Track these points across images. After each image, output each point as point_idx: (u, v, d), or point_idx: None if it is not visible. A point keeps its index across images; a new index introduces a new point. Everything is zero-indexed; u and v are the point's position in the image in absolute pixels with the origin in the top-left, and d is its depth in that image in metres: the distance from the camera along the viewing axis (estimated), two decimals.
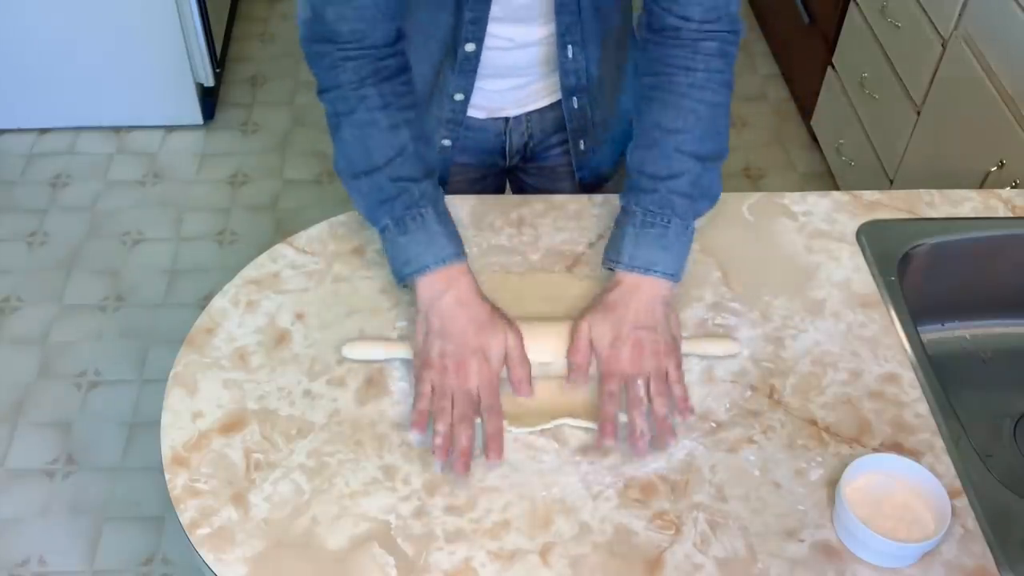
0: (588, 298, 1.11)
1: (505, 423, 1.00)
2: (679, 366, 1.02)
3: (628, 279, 1.05)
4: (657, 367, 1.00)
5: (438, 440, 0.96)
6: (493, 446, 0.96)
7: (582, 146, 1.31)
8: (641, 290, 1.04)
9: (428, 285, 1.04)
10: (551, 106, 1.30)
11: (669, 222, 1.06)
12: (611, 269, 1.08)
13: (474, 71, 1.19)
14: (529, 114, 1.30)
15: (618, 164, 1.38)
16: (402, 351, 1.05)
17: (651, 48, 1.11)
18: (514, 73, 1.24)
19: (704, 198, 1.09)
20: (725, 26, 1.08)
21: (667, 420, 0.98)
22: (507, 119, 1.30)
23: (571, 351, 1.03)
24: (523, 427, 1.00)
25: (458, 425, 0.97)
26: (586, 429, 1.01)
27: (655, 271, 1.05)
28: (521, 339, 1.03)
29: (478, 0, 1.11)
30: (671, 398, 1.00)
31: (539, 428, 1.00)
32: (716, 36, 1.08)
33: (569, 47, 1.17)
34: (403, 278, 1.05)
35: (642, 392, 0.99)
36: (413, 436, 0.98)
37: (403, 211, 1.05)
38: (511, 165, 1.38)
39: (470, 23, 1.13)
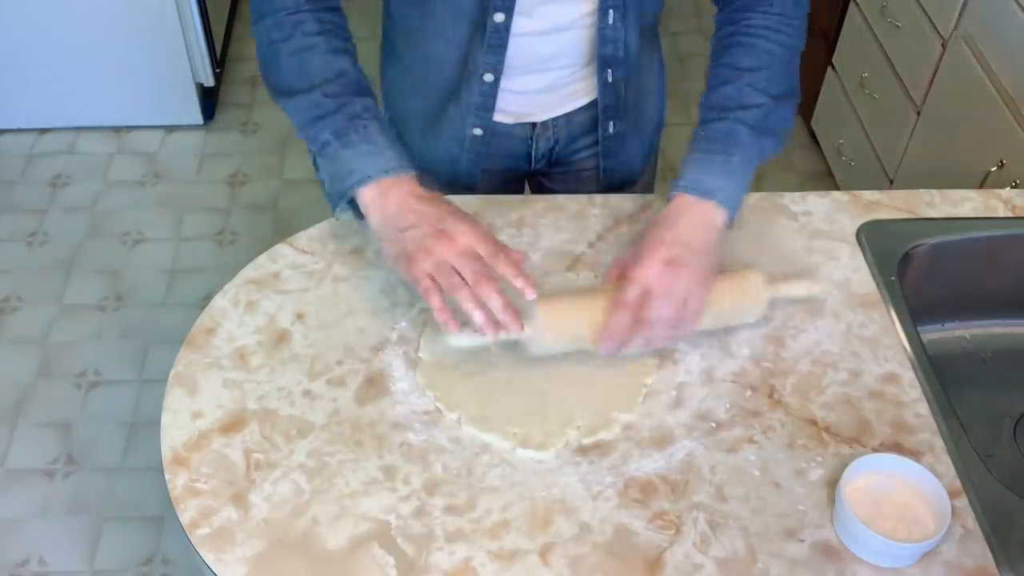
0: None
1: (511, 446, 0.98)
2: (701, 303, 0.99)
3: (685, 199, 1.03)
4: (683, 292, 0.97)
5: (476, 318, 0.92)
6: (524, 284, 0.94)
7: (611, 129, 1.28)
8: (695, 210, 1.02)
9: (373, 195, 0.99)
10: (579, 110, 1.28)
11: (733, 153, 1.05)
12: (674, 190, 1.06)
13: (504, 46, 1.14)
14: (556, 119, 1.29)
15: (645, 166, 1.37)
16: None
17: (725, 7, 1.13)
18: (547, 66, 1.21)
19: (770, 135, 1.08)
20: None
21: (655, 344, 0.99)
22: (534, 124, 1.29)
23: (615, 301, 0.99)
24: (530, 449, 0.98)
25: (479, 288, 0.93)
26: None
27: (715, 197, 1.02)
28: (482, 226, 0.99)
29: None
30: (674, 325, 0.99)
31: (550, 452, 0.99)
32: None
33: (610, 12, 1.14)
34: (343, 194, 1.01)
35: (655, 319, 0.97)
36: (452, 332, 0.94)
37: (345, 123, 1.01)
38: (535, 170, 1.37)
39: None
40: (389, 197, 0.99)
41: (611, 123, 1.28)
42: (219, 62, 2.80)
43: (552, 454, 0.98)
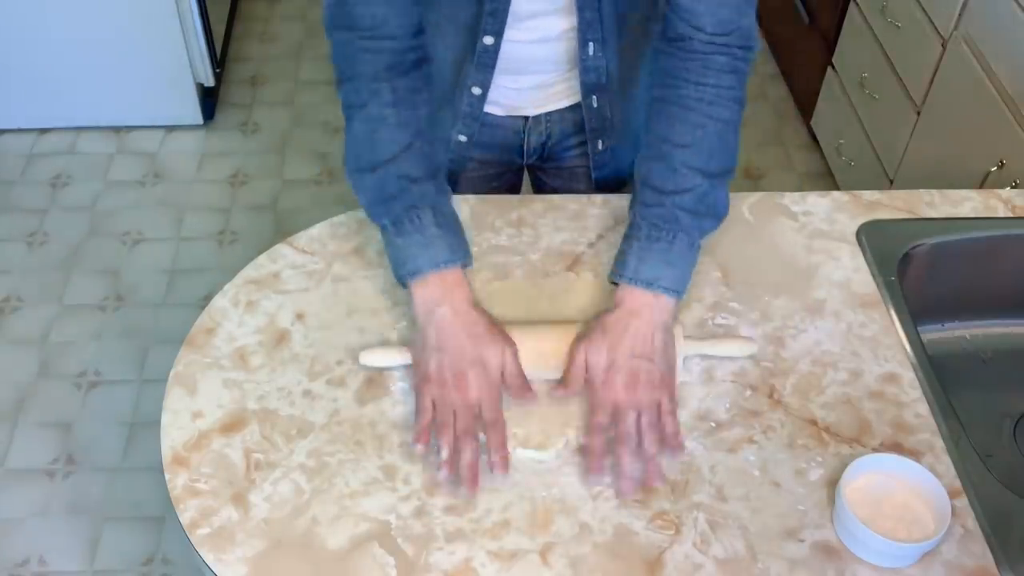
0: (594, 299, 1.11)
1: (511, 445, 0.99)
2: (673, 398, 1.00)
3: (630, 299, 1.03)
4: (650, 399, 0.98)
5: (444, 454, 0.95)
6: (498, 459, 0.96)
7: (600, 146, 1.30)
8: (642, 315, 1.02)
9: (423, 292, 1.03)
10: (570, 108, 1.29)
11: (674, 237, 1.04)
12: (615, 283, 1.06)
13: (492, 65, 1.18)
14: (549, 114, 1.30)
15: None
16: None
17: (663, 59, 1.10)
18: (533, 69, 1.23)
19: (710, 216, 1.07)
20: (737, 41, 1.06)
21: (656, 460, 0.96)
22: (526, 118, 1.30)
23: (565, 374, 1.02)
24: (530, 449, 0.99)
25: (462, 439, 0.96)
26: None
27: (659, 286, 1.03)
28: (516, 351, 1.01)
29: None
30: (661, 434, 0.97)
31: (550, 451, 0.99)
32: (727, 51, 1.06)
33: (590, 44, 1.17)
34: (400, 280, 1.05)
35: (632, 427, 0.97)
36: (417, 449, 0.96)
37: (402, 211, 1.04)
38: (528, 163, 1.38)
39: (489, 15, 1.12)
40: (436, 311, 1.01)
41: (599, 142, 1.30)
42: (219, 62, 2.80)
43: (552, 454, 0.98)
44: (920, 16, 2.08)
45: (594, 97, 1.24)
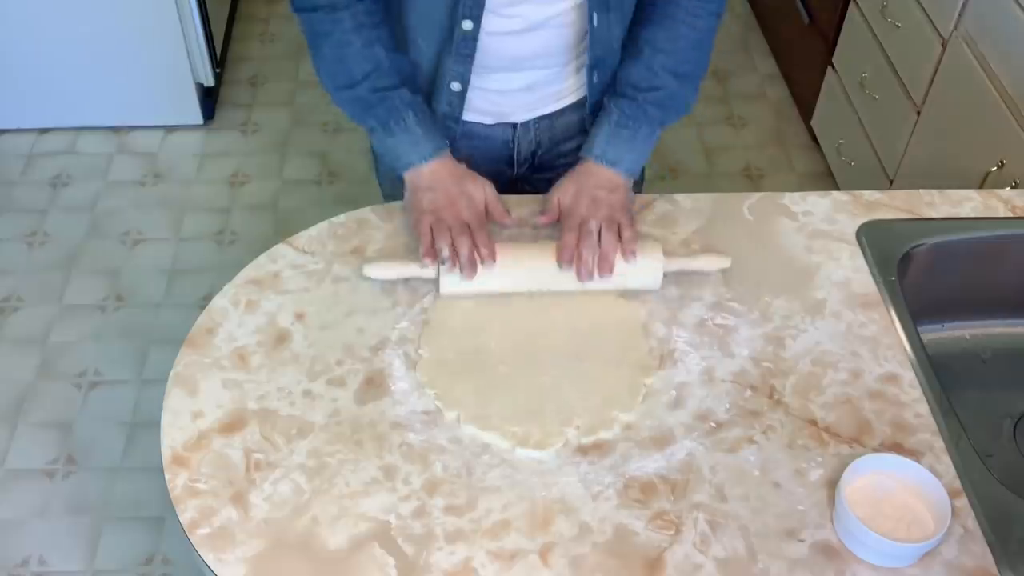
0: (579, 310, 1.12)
1: (510, 445, 1.00)
2: (631, 219, 1.16)
3: (594, 165, 1.20)
4: (609, 216, 1.14)
5: (445, 253, 1.11)
6: (486, 251, 1.12)
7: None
8: (603, 173, 1.20)
9: (411, 174, 1.19)
10: (560, 112, 1.29)
11: (639, 129, 1.20)
12: (583, 155, 1.21)
13: (471, 55, 1.19)
14: (538, 119, 1.30)
15: None
16: (420, 270, 1.13)
17: None
18: (523, 66, 1.23)
19: (674, 111, 1.23)
20: None
21: (610, 256, 1.12)
22: (515, 125, 1.30)
23: (543, 212, 1.20)
24: (529, 448, 0.99)
25: (457, 238, 1.11)
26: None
27: (620, 167, 1.20)
28: (494, 188, 1.19)
29: None
30: (618, 241, 1.13)
31: (549, 451, 0.99)
32: None
33: (594, 15, 1.18)
34: (394, 170, 1.21)
35: (594, 229, 1.13)
36: (426, 262, 1.12)
37: (386, 115, 1.18)
38: (519, 175, 1.37)
39: None
40: (423, 170, 1.19)
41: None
42: (219, 62, 2.80)
43: (552, 453, 0.98)
44: (920, 16, 2.08)
45: (596, 72, 1.24)
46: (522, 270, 1.14)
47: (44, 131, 2.75)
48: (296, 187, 2.63)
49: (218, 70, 2.77)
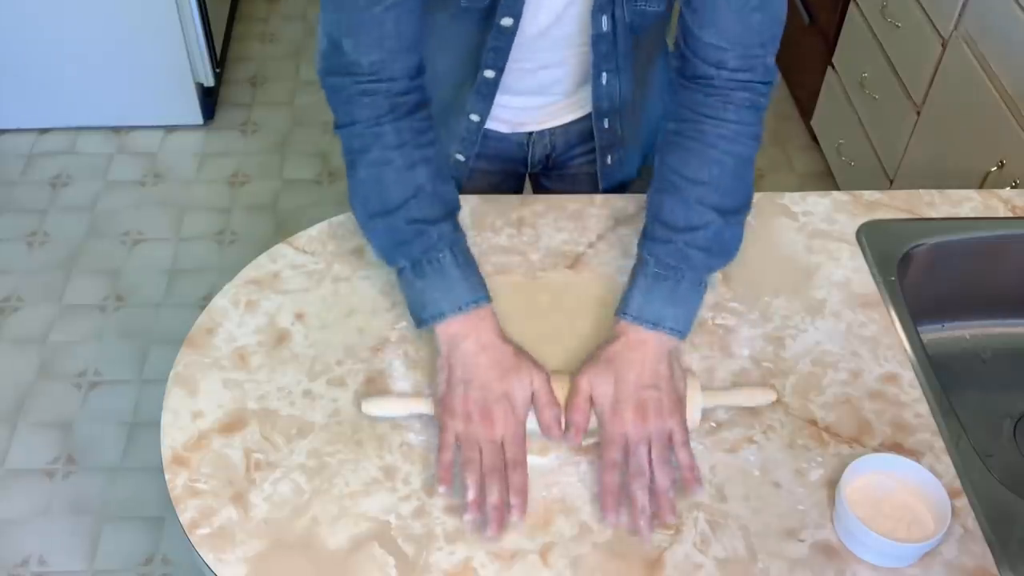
0: (593, 300, 1.11)
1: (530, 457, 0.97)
2: (684, 427, 0.97)
3: (633, 332, 1.00)
4: (660, 430, 0.95)
5: (472, 495, 0.91)
6: (518, 503, 0.92)
7: (609, 160, 1.29)
8: (646, 345, 0.99)
9: (446, 330, 1.00)
10: (575, 121, 1.29)
11: (682, 277, 1.02)
12: (619, 317, 1.03)
13: (492, 96, 1.18)
14: (553, 129, 1.30)
15: (642, 166, 1.37)
16: (423, 406, 1.00)
17: (681, 93, 1.07)
18: (539, 91, 1.23)
19: (721, 254, 1.06)
20: (759, 77, 1.04)
21: (668, 494, 0.93)
22: (530, 133, 1.30)
23: (570, 409, 0.98)
24: (531, 455, 0.97)
25: (488, 478, 0.92)
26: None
27: (663, 327, 1.00)
28: (548, 379, 0.98)
29: (502, 31, 1.09)
30: (673, 468, 0.95)
31: (550, 456, 0.98)
32: (749, 87, 1.04)
33: (604, 75, 1.16)
34: (421, 323, 1.02)
35: (645, 461, 0.94)
36: (440, 491, 0.93)
37: (420, 254, 1.01)
38: (532, 173, 1.38)
39: (492, 51, 1.12)
40: (462, 345, 0.99)
41: (609, 156, 1.29)
42: (219, 62, 2.80)
43: (552, 458, 0.98)
44: (920, 16, 2.08)
45: (606, 120, 1.23)
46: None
47: (44, 131, 2.75)
48: (296, 187, 2.63)
49: (218, 70, 2.77)
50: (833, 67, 2.54)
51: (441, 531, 0.92)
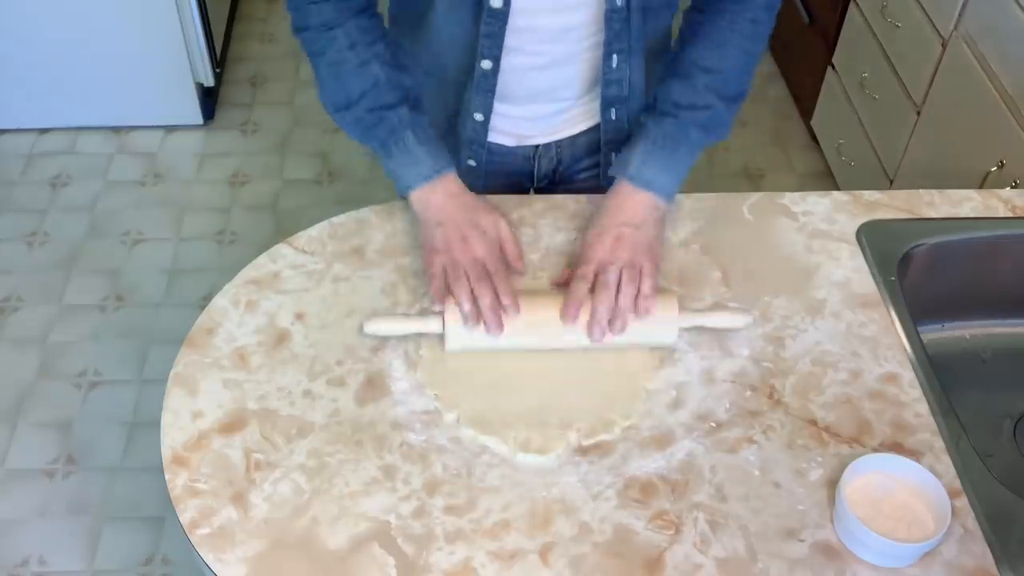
0: None
1: (511, 450, 0.99)
2: (655, 264, 1.08)
3: (627, 188, 1.12)
4: (631, 259, 1.07)
5: (466, 307, 1.04)
6: (509, 302, 1.04)
7: (613, 158, 1.29)
8: (634, 198, 1.12)
9: (419, 196, 1.13)
10: (582, 132, 1.29)
11: (678, 148, 1.13)
12: (615, 176, 1.14)
13: (492, 91, 1.19)
14: (560, 141, 1.30)
15: None
16: (426, 325, 1.07)
17: None
18: (546, 98, 1.23)
19: (716, 133, 1.16)
20: None
21: (626, 312, 1.04)
22: (536, 146, 1.30)
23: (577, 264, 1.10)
24: (531, 453, 0.98)
25: (477, 286, 1.04)
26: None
27: (654, 188, 1.12)
28: (508, 221, 1.13)
29: (493, 16, 1.10)
30: (636, 292, 1.05)
31: (550, 456, 0.99)
32: None
33: (614, 56, 1.17)
34: (400, 193, 1.15)
35: (612, 279, 1.05)
36: (437, 309, 1.06)
37: (386, 136, 1.13)
38: (538, 188, 1.38)
39: (485, 37, 1.13)
40: (431, 199, 1.12)
41: (613, 154, 1.28)
42: (219, 62, 2.80)
43: (552, 458, 0.98)
44: (920, 16, 2.08)
45: (613, 110, 1.23)
46: (540, 328, 1.06)
47: (44, 131, 2.75)
48: (296, 187, 2.63)
49: (218, 70, 2.77)
50: (833, 67, 2.54)
51: (441, 531, 0.92)
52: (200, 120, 2.78)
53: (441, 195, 1.12)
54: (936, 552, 0.92)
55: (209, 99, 2.81)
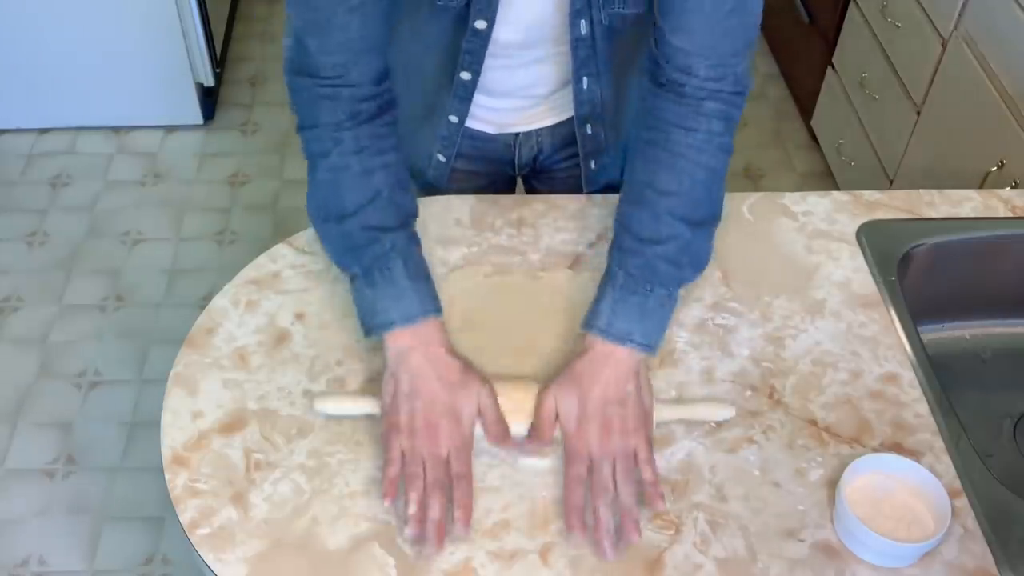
0: (582, 296, 1.12)
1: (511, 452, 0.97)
2: (649, 444, 0.96)
3: (600, 346, 0.98)
4: (625, 447, 0.94)
5: (412, 509, 0.91)
6: (461, 516, 0.91)
7: (593, 165, 1.30)
8: (612, 360, 0.98)
9: (395, 341, 0.99)
10: (561, 123, 1.29)
11: (651, 290, 1.00)
12: (586, 331, 1.01)
13: (470, 98, 1.18)
14: (539, 130, 1.30)
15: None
16: (376, 407, 1.00)
17: (651, 100, 1.04)
18: (519, 93, 1.23)
19: (691, 266, 1.03)
20: (730, 87, 1.01)
21: (633, 512, 0.91)
22: (517, 134, 1.30)
23: (535, 425, 0.97)
24: (530, 457, 0.98)
25: (431, 493, 0.91)
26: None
27: (631, 342, 0.98)
28: (495, 396, 0.98)
29: (476, 34, 1.09)
30: (638, 485, 0.94)
31: (549, 459, 0.98)
32: (720, 97, 1.01)
33: (584, 79, 1.16)
34: (369, 332, 1.01)
35: (609, 478, 0.93)
36: (385, 503, 0.91)
37: (371, 262, 1.00)
38: (521, 175, 1.38)
39: (467, 53, 1.12)
40: (410, 357, 0.98)
41: (592, 162, 1.29)
42: (219, 62, 2.80)
43: (551, 460, 0.98)
44: (920, 16, 2.08)
45: (588, 126, 1.23)
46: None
47: (44, 131, 2.75)
48: (296, 187, 2.63)
49: (218, 70, 2.77)
50: (833, 67, 2.54)
51: None
52: (200, 120, 2.78)
53: (421, 356, 0.97)
54: (936, 552, 0.92)
55: (209, 99, 2.81)
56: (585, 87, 1.17)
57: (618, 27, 1.09)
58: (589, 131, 1.24)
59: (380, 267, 1.00)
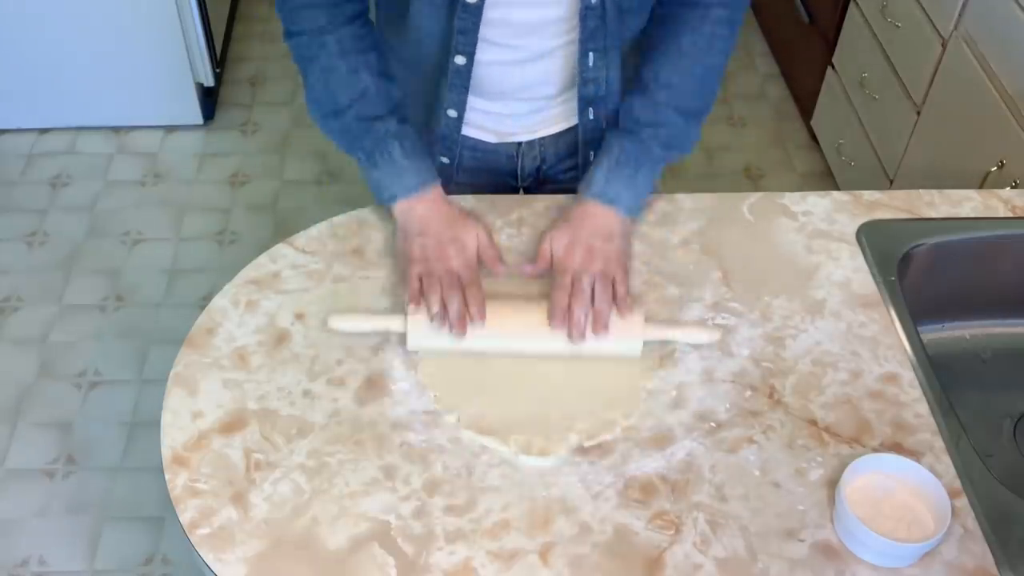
0: None
1: (512, 452, 0.99)
2: (625, 273, 1.10)
3: (592, 205, 1.14)
4: (604, 270, 1.08)
5: (435, 309, 1.05)
6: (476, 310, 1.05)
7: (593, 158, 1.29)
8: (601, 213, 1.13)
9: (400, 206, 1.14)
10: (564, 131, 1.29)
11: (641, 165, 1.15)
12: (582, 193, 1.15)
13: (466, 87, 1.19)
14: (543, 139, 1.30)
15: None
16: (391, 324, 1.07)
17: (664, 7, 1.16)
18: (522, 94, 1.23)
19: (678, 148, 1.17)
20: None
21: (604, 316, 1.06)
22: (519, 143, 1.30)
23: (537, 261, 1.13)
24: (532, 456, 0.98)
25: (447, 294, 1.06)
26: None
27: (619, 205, 1.13)
28: (489, 231, 1.14)
29: (467, 10, 1.10)
30: (611, 298, 1.07)
31: (551, 458, 0.99)
32: (728, 3, 1.14)
33: (591, 55, 1.17)
34: (380, 202, 1.16)
35: (587, 287, 1.07)
36: (410, 309, 1.06)
37: (372, 146, 1.14)
38: (523, 187, 1.38)
39: (459, 33, 1.13)
40: (414, 209, 1.13)
41: (592, 153, 1.29)
42: (219, 62, 2.80)
43: (552, 459, 0.98)
44: (920, 16, 2.08)
45: (591, 110, 1.23)
46: (503, 331, 1.07)
47: (44, 131, 2.75)
48: (296, 187, 2.63)
49: (218, 70, 2.77)
50: (833, 67, 2.54)
51: (441, 531, 0.92)
52: (200, 120, 2.78)
53: (424, 206, 1.13)
54: (936, 552, 0.92)
55: (209, 99, 2.81)
56: (591, 63, 1.18)
57: (629, 2, 1.14)
58: (591, 115, 1.24)
59: (380, 150, 1.14)
